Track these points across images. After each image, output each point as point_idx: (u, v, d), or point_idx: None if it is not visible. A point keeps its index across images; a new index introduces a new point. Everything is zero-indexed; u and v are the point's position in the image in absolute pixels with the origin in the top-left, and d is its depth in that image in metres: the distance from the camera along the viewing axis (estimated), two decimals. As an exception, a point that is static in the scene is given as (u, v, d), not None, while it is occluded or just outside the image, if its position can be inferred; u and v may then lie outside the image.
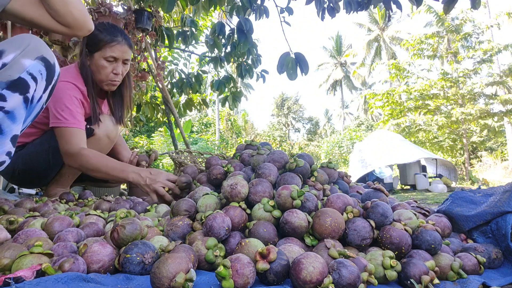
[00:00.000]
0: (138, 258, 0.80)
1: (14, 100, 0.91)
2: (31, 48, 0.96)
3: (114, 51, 1.78)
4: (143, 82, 3.93)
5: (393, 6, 2.84)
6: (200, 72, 4.54)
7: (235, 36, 3.42)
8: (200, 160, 2.99)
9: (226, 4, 3.23)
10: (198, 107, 4.83)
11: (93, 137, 1.83)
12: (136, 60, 3.50)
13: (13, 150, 0.97)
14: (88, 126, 1.80)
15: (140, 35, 3.38)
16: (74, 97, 1.72)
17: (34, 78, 0.96)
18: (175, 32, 3.83)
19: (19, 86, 0.92)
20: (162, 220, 1.21)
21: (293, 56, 2.54)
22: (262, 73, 4.23)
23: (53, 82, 1.05)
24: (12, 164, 1.80)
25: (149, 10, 3.29)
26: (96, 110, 1.83)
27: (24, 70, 0.93)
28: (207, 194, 1.14)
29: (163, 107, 4.48)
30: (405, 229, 0.95)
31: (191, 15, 4.19)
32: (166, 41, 3.79)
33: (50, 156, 1.81)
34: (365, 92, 17.30)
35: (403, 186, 8.26)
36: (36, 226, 1.08)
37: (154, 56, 3.87)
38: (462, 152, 14.31)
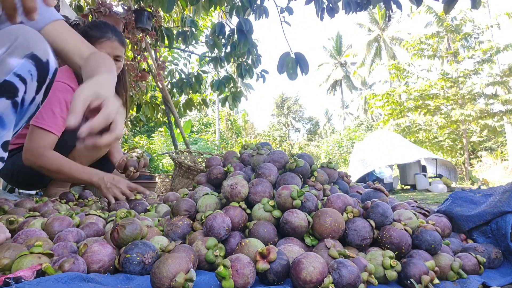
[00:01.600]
0: (138, 258, 0.80)
1: (1, 105, 0.83)
2: (19, 44, 0.84)
3: (104, 47, 1.77)
4: (143, 82, 3.93)
5: (393, 6, 2.85)
6: (200, 72, 4.54)
7: (235, 36, 3.42)
8: (200, 160, 2.99)
9: (226, 4, 3.23)
10: (198, 107, 4.83)
11: None
12: (136, 60, 3.51)
13: (5, 155, 0.91)
14: None
15: (140, 35, 3.38)
16: (63, 99, 1.67)
17: (23, 80, 0.85)
18: (175, 32, 3.83)
19: (5, 90, 0.82)
20: (162, 220, 1.21)
21: (293, 56, 2.54)
22: (262, 73, 4.23)
23: (47, 81, 0.94)
24: (11, 166, 1.79)
25: (149, 10, 3.29)
26: None
27: (10, 72, 0.82)
28: (207, 194, 1.14)
29: (163, 107, 4.48)
30: (405, 229, 0.95)
31: (191, 15, 4.19)
32: (166, 41, 3.79)
33: None
34: (365, 92, 17.33)
35: (403, 186, 8.27)
36: (36, 226, 1.08)
37: (154, 56, 3.88)
38: (462, 152, 14.31)
